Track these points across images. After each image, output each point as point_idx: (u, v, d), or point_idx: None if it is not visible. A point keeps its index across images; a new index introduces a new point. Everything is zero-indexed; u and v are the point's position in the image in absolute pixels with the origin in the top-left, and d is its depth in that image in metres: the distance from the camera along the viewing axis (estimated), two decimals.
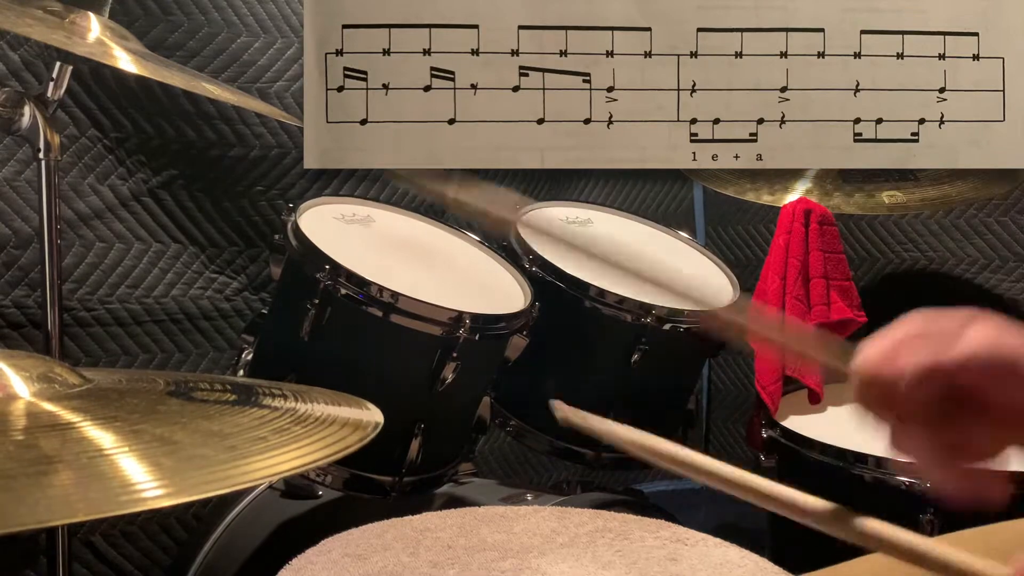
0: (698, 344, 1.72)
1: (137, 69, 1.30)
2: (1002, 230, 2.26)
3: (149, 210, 1.88)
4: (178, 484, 0.58)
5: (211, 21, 1.91)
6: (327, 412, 0.78)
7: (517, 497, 1.62)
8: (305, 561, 0.98)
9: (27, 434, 0.67)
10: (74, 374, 0.79)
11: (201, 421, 0.73)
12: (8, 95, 1.34)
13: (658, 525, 1.12)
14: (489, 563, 0.99)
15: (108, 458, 0.62)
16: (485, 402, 1.62)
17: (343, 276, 1.43)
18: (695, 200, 2.64)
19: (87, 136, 1.81)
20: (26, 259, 1.73)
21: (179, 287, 1.92)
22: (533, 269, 1.67)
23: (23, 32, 1.39)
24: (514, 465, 2.41)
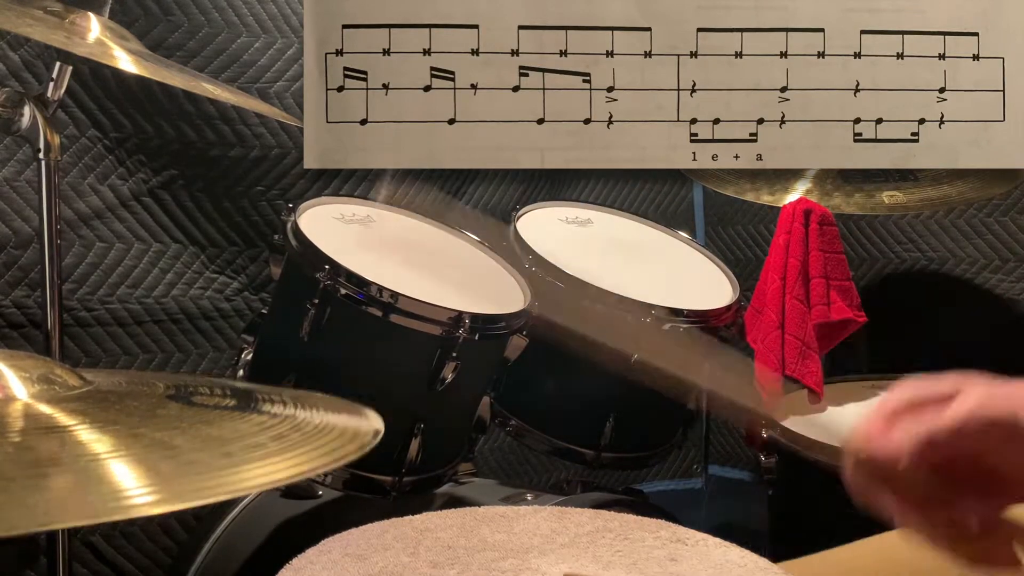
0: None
1: (137, 69, 1.30)
2: (1002, 230, 2.25)
3: (149, 210, 1.88)
4: (175, 490, 0.58)
5: (211, 21, 1.91)
6: (326, 420, 0.78)
7: (517, 497, 1.62)
8: (305, 561, 0.98)
9: (24, 436, 0.67)
10: (74, 375, 0.79)
11: (200, 426, 0.73)
12: (8, 95, 1.33)
13: (658, 525, 1.12)
14: (489, 563, 0.99)
15: (106, 462, 0.62)
16: (485, 402, 1.62)
17: (343, 276, 1.43)
18: (695, 200, 2.64)
19: (87, 136, 1.81)
20: (26, 259, 1.73)
21: (179, 287, 1.92)
22: (533, 269, 1.67)
23: (23, 32, 1.39)
24: (514, 465, 2.41)
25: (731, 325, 1.73)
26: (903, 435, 0.68)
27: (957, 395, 0.68)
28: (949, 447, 0.67)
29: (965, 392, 0.68)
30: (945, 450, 0.68)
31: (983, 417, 0.67)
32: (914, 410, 0.69)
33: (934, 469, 0.68)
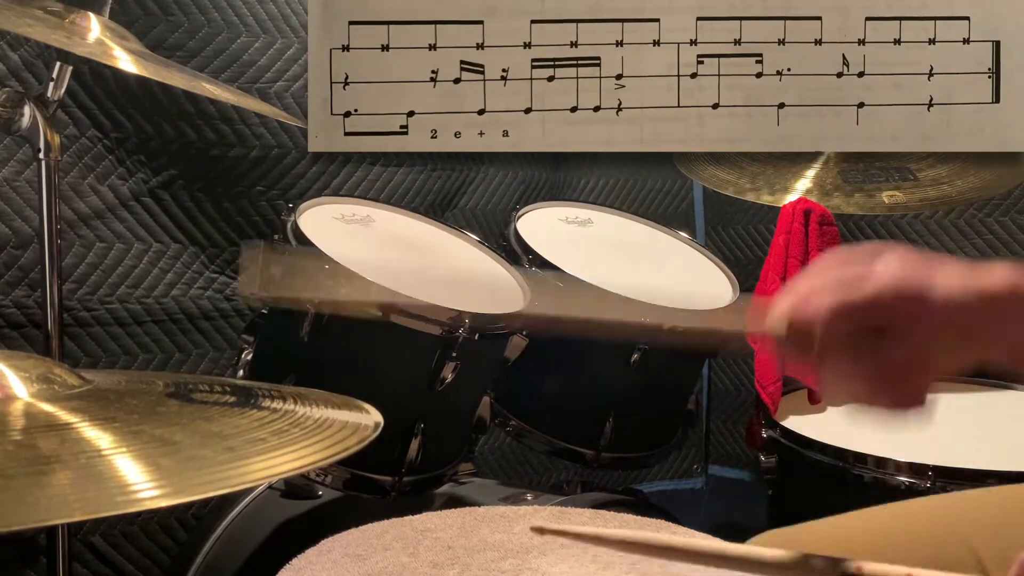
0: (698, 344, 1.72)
1: (137, 69, 1.30)
2: (1002, 230, 2.26)
3: (149, 210, 1.88)
4: (177, 485, 0.59)
5: (211, 21, 1.91)
6: (326, 414, 0.78)
7: (517, 497, 1.62)
8: (305, 561, 0.98)
9: (25, 434, 0.67)
10: (73, 375, 0.79)
11: (200, 422, 0.73)
12: (8, 95, 1.33)
13: (658, 525, 1.12)
14: (489, 563, 0.99)
15: (107, 458, 0.62)
16: (485, 402, 1.62)
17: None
18: (695, 200, 2.64)
19: (87, 136, 1.81)
20: (26, 259, 1.73)
21: (179, 287, 1.92)
22: (533, 269, 1.67)
23: (23, 32, 1.39)
24: (514, 465, 2.41)
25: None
26: (824, 300, 0.73)
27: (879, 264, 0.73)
28: (864, 313, 0.72)
29: (880, 264, 0.73)
30: (861, 316, 0.72)
31: (896, 288, 0.71)
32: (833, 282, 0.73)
33: (851, 331, 0.72)
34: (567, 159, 2.44)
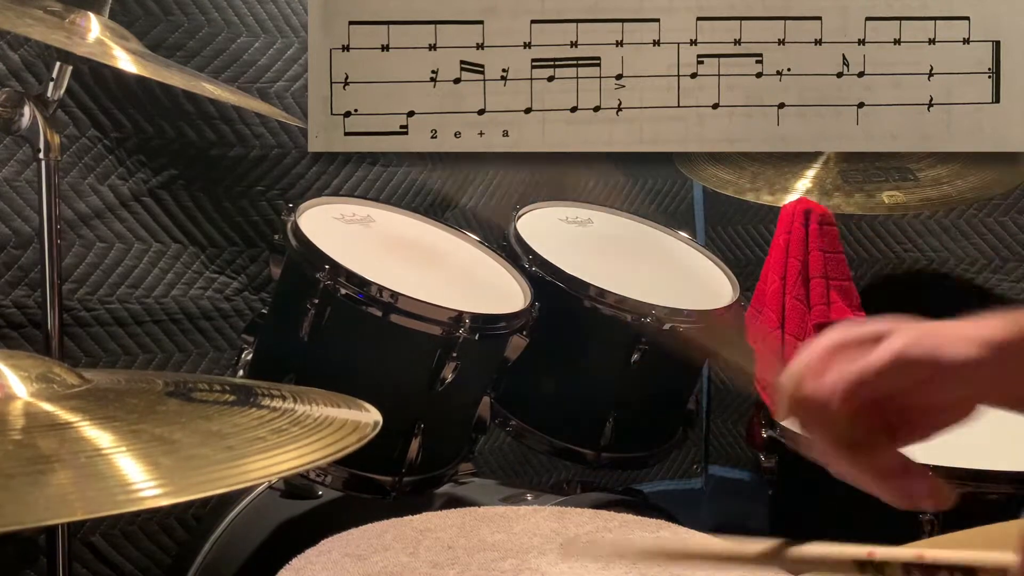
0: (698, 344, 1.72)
1: (137, 69, 1.30)
2: (1002, 230, 2.26)
3: (149, 210, 1.88)
4: (177, 483, 0.59)
5: (211, 21, 1.92)
6: (325, 413, 0.78)
7: (517, 497, 1.62)
8: (305, 561, 0.98)
9: (25, 434, 0.67)
10: (73, 374, 0.79)
11: (200, 421, 0.73)
12: (8, 95, 1.33)
13: (658, 525, 1.12)
14: (489, 563, 0.99)
15: (106, 457, 0.62)
16: (485, 402, 1.62)
17: (343, 276, 1.43)
18: (695, 200, 2.64)
19: (87, 136, 1.81)
20: (26, 259, 1.73)
21: (179, 287, 1.92)
22: (533, 269, 1.67)
23: (23, 32, 1.39)
24: (514, 465, 2.41)
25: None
26: (835, 376, 0.70)
27: (885, 336, 0.70)
28: (875, 388, 0.69)
29: (892, 333, 0.70)
30: (872, 391, 0.69)
31: (907, 356, 0.69)
32: (845, 352, 0.71)
33: (860, 411, 0.70)
34: (567, 159, 2.43)
